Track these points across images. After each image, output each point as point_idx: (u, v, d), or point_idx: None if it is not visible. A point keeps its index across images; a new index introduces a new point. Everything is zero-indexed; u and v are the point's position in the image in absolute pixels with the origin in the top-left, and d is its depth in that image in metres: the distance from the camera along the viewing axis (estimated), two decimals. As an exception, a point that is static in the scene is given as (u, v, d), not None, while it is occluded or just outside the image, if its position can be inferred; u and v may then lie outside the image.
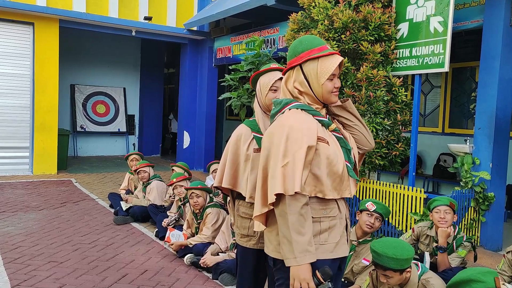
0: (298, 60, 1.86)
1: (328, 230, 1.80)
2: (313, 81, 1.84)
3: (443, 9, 4.67)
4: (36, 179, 8.30)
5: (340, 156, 1.82)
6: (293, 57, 1.88)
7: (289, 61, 1.90)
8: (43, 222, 5.40)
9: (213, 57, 9.87)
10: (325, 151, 1.77)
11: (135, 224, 5.51)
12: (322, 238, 1.79)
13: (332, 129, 1.87)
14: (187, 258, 4.14)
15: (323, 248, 1.78)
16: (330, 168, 1.78)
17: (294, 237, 1.67)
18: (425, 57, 4.86)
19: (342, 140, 1.87)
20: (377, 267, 2.65)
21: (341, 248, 1.84)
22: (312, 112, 1.85)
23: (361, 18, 4.98)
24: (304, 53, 1.85)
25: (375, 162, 4.98)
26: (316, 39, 1.88)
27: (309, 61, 1.85)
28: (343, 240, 1.86)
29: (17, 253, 4.27)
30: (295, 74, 1.88)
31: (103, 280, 3.71)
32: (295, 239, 1.67)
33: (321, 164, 1.77)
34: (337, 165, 1.80)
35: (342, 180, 1.83)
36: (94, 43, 11.52)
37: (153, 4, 9.85)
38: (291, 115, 1.80)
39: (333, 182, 1.80)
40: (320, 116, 1.86)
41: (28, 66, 8.75)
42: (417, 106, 4.99)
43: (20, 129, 8.78)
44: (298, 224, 1.68)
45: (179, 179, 4.92)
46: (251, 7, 7.27)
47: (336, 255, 1.81)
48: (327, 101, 1.90)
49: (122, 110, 12.13)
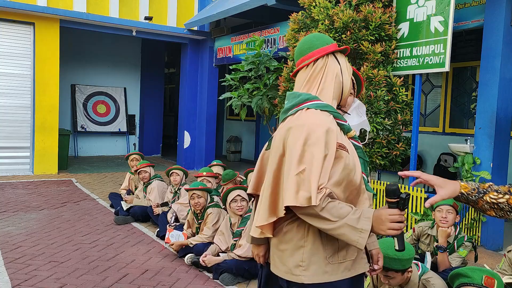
0: (332, 48, 1.67)
1: (346, 246, 1.60)
2: (346, 75, 1.69)
3: (443, 9, 4.67)
4: (36, 179, 8.31)
5: (358, 166, 1.62)
6: (320, 46, 1.67)
7: (313, 51, 1.68)
8: (44, 222, 5.40)
9: (213, 57, 9.87)
10: (344, 160, 1.56)
11: (135, 224, 5.51)
12: (340, 256, 1.60)
13: (351, 135, 1.67)
14: (187, 258, 4.14)
15: (342, 266, 1.59)
16: (348, 179, 1.58)
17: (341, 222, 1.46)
18: (425, 56, 4.86)
19: (360, 150, 1.68)
20: None
21: (359, 264, 1.64)
22: (335, 114, 1.63)
23: (362, 18, 4.98)
24: (333, 44, 1.70)
25: (376, 162, 4.97)
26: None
27: (339, 53, 1.71)
28: (361, 255, 1.66)
29: (17, 253, 4.27)
30: (330, 63, 1.67)
31: (103, 280, 3.71)
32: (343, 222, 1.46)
33: (338, 174, 1.55)
34: (355, 176, 1.60)
35: (359, 193, 1.64)
36: (94, 43, 11.52)
37: (154, 4, 9.86)
38: (313, 114, 1.57)
39: (349, 195, 1.61)
40: (342, 120, 1.65)
41: (29, 66, 8.75)
42: (417, 106, 4.98)
43: (21, 129, 8.79)
44: (336, 211, 1.48)
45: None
46: (251, 7, 7.26)
47: (355, 273, 1.62)
48: (343, 102, 1.73)
49: (122, 110, 12.13)
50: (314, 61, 1.67)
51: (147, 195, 5.78)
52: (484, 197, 1.42)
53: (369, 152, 5.02)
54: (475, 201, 1.43)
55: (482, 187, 1.43)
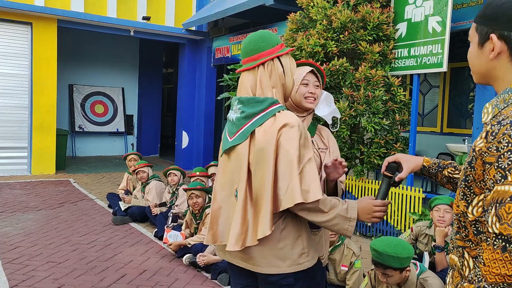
0: (277, 53, 1.69)
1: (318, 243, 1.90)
2: (288, 76, 1.73)
3: (441, 9, 4.68)
4: (34, 179, 8.29)
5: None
6: (266, 48, 1.69)
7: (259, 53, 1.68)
8: (42, 223, 5.39)
9: (211, 57, 9.87)
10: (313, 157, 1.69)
11: (133, 224, 5.50)
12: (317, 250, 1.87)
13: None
14: (186, 258, 4.14)
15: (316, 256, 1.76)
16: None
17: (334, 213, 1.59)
18: (423, 57, 4.87)
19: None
20: (377, 266, 2.65)
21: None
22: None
23: (360, 18, 4.99)
24: (280, 45, 1.72)
25: (374, 161, 4.98)
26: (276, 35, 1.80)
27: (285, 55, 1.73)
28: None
29: (15, 254, 4.26)
30: (276, 66, 1.69)
31: (101, 280, 3.70)
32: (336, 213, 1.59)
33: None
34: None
35: None
36: (92, 43, 11.50)
37: (152, 4, 9.85)
38: (292, 115, 1.63)
39: None
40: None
41: (26, 66, 8.73)
42: (415, 106, 5.00)
43: (18, 129, 8.77)
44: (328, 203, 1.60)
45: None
46: (249, 7, 7.27)
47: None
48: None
49: (120, 110, 12.12)
50: (262, 64, 1.69)
51: (145, 195, 5.77)
52: (443, 171, 1.52)
53: (367, 152, 5.03)
54: (435, 174, 1.53)
55: (442, 163, 1.54)
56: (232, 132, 1.70)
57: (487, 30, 1.16)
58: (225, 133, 1.75)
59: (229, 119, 1.74)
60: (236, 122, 1.69)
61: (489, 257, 0.96)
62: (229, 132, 1.72)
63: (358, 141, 5.23)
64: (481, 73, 1.22)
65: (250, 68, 1.70)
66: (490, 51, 1.15)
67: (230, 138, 1.70)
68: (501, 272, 0.93)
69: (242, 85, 1.73)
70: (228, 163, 1.73)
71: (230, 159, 1.72)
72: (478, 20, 1.20)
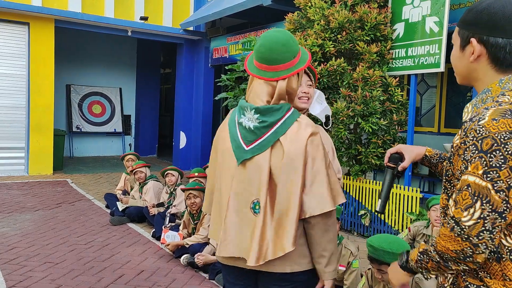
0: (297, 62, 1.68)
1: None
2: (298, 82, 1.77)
3: (438, 9, 4.69)
4: (31, 179, 8.27)
5: None
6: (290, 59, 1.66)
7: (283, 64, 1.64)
8: (39, 223, 5.38)
9: (209, 57, 9.86)
10: None
11: (131, 224, 5.49)
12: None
13: None
14: (183, 258, 4.13)
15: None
16: None
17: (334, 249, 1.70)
18: (421, 57, 4.88)
19: None
20: (373, 261, 2.67)
21: None
22: None
23: (357, 18, 5.00)
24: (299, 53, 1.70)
25: (372, 161, 4.99)
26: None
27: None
28: None
29: (12, 254, 4.25)
30: (294, 78, 1.68)
31: (99, 281, 3.70)
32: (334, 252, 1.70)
33: None
34: None
35: None
36: (90, 43, 11.48)
37: (149, 4, 9.84)
38: (311, 121, 1.71)
39: None
40: None
41: (24, 66, 8.71)
42: (413, 106, 5.00)
43: (16, 129, 8.74)
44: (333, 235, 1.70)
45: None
46: (247, 7, 7.27)
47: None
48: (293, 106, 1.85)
49: (118, 110, 12.10)
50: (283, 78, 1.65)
51: (142, 196, 5.76)
52: (443, 162, 1.57)
53: (364, 152, 5.04)
54: (436, 165, 1.58)
55: (444, 154, 1.59)
56: (249, 141, 1.65)
57: (468, 34, 1.24)
58: (239, 140, 1.67)
59: (244, 126, 1.67)
60: (255, 131, 1.64)
61: (442, 232, 1.14)
62: (245, 140, 1.66)
63: (355, 141, 5.23)
64: (463, 75, 1.30)
65: (270, 80, 1.65)
66: (471, 54, 1.23)
67: (247, 146, 1.65)
68: (446, 245, 1.12)
69: (255, 93, 1.67)
70: (244, 172, 1.65)
71: (247, 168, 1.65)
72: (460, 24, 1.27)
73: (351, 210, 5.40)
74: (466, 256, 1.10)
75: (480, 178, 1.08)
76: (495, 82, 1.21)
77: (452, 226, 1.11)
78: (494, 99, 1.18)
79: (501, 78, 1.21)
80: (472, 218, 1.07)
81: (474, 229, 1.07)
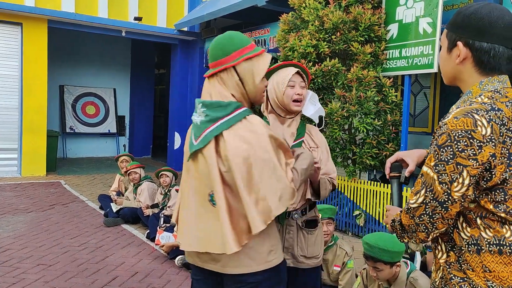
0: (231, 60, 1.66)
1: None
2: (249, 83, 1.70)
3: (432, 10, 4.71)
4: (24, 181, 8.21)
5: None
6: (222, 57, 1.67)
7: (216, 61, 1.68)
8: (32, 225, 5.34)
9: (204, 58, 9.84)
10: None
11: (125, 225, 5.47)
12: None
13: None
14: (178, 259, 4.12)
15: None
16: None
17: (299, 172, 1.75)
18: (414, 57, 4.90)
19: None
20: (368, 259, 2.68)
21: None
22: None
23: (351, 19, 5.01)
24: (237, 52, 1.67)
25: (366, 162, 5.00)
26: (245, 36, 1.74)
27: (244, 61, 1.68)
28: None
29: (5, 256, 4.21)
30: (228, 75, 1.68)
31: (93, 283, 3.67)
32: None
33: None
34: None
35: None
36: (83, 44, 11.43)
37: (143, 4, 9.80)
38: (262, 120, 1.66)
39: None
40: None
41: (17, 66, 8.65)
42: (407, 107, 5.02)
43: (8, 130, 8.68)
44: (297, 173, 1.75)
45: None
46: (241, 8, 7.26)
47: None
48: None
49: (112, 111, 12.05)
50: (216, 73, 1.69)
51: (137, 197, 5.74)
52: None
53: (359, 153, 5.05)
54: None
55: None
56: (197, 135, 1.67)
57: (455, 37, 1.29)
58: (191, 136, 1.71)
59: (194, 122, 1.71)
60: (201, 125, 1.66)
61: (403, 211, 1.29)
62: (195, 135, 1.68)
63: (350, 142, 5.24)
64: (449, 76, 1.37)
65: (207, 76, 1.72)
66: (457, 56, 1.28)
67: (195, 141, 1.67)
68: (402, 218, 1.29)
69: (204, 90, 1.73)
70: (198, 166, 1.68)
71: (199, 163, 1.67)
72: (449, 27, 1.32)
73: (346, 210, 5.41)
74: (412, 231, 1.27)
75: (430, 169, 1.20)
76: (476, 84, 1.27)
77: (407, 208, 1.27)
78: (472, 100, 1.24)
79: (481, 80, 1.26)
80: (416, 202, 1.23)
81: (417, 211, 1.23)
